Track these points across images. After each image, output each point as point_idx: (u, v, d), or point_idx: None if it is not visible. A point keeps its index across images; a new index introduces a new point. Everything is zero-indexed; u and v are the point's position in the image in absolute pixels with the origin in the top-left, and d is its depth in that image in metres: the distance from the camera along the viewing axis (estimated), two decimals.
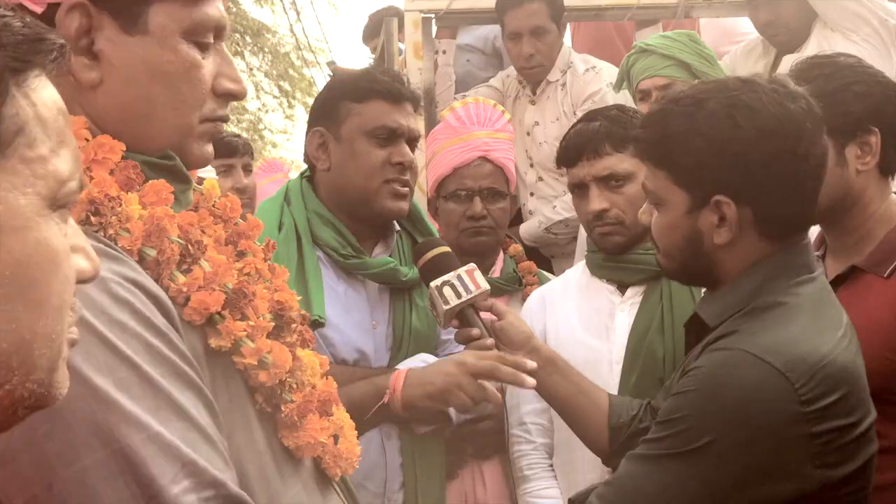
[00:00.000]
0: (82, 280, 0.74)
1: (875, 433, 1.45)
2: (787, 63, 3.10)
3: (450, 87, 3.72)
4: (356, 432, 1.26)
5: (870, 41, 3.09)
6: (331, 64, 6.42)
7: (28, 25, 0.69)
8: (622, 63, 3.24)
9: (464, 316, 1.86)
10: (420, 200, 2.58)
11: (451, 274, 1.84)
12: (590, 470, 2.03)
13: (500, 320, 1.89)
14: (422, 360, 2.07)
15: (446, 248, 1.93)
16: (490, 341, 1.83)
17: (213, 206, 1.21)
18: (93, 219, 1.01)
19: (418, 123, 2.22)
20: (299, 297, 1.26)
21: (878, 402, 1.49)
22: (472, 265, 1.88)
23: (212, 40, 1.14)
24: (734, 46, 3.70)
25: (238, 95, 1.18)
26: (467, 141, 2.54)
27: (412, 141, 2.13)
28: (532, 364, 1.77)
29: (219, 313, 1.08)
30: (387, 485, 2.03)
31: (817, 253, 1.95)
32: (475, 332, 1.84)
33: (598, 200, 2.11)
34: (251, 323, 1.10)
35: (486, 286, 1.85)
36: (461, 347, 1.93)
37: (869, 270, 1.81)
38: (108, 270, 0.94)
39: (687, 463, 1.39)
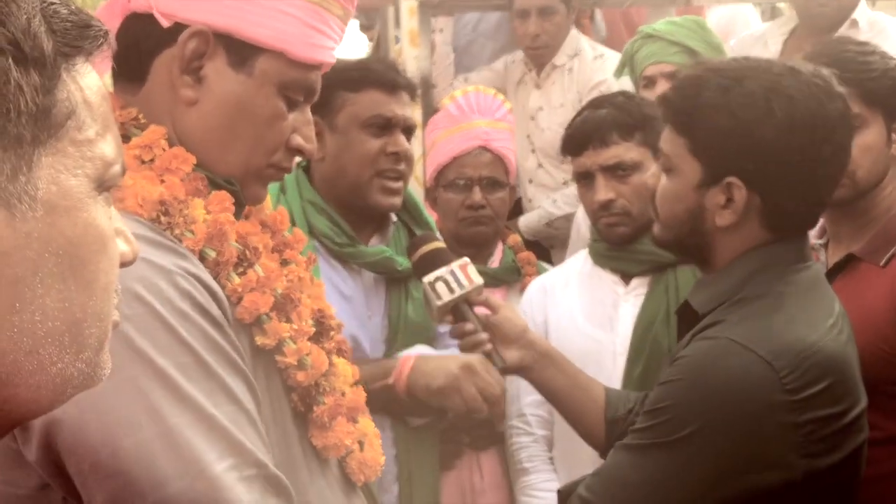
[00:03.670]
0: (123, 263, 0.76)
1: (865, 423, 1.43)
2: (806, 42, 3.03)
3: (448, 65, 3.64)
4: (380, 442, 1.34)
5: None
6: None
7: (75, 12, 0.70)
8: (625, 49, 3.17)
9: (458, 311, 1.83)
10: (417, 191, 2.55)
11: (444, 269, 1.81)
12: (591, 462, 2.01)
13: (494, 314, 1.86)
14: (419, 351, 2.05)
15: (440, 244, 1.90)
16: (484, 336, 1.81)
17: (265, 216, 1.31)
18: (162, 218, 1.11)
19: (414, 112, 2.19)
20: (334, 309, 1.35)
21: (871, 392, 1.46)
22: (466, 259, 1.85)
23: (301, 99, 1.26)
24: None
25: (306, 153, 1.28)
26: (467, 130, 2.50)
27: (408, 130, 2.10)
28: None
29: (266, 314, 1.18)
30: (382, 476, 2.01)
31: (820, 241, 1.92)
32: (469, 326, 1.81)
33: (604, 191, 2.08)
34: (295, 326, 1.21)
35: (479, 281, 1.82)
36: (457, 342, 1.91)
37: (865, 259, 1.78)
38: (173, 264, 1.05)
39: (672, 452, 1.38)
